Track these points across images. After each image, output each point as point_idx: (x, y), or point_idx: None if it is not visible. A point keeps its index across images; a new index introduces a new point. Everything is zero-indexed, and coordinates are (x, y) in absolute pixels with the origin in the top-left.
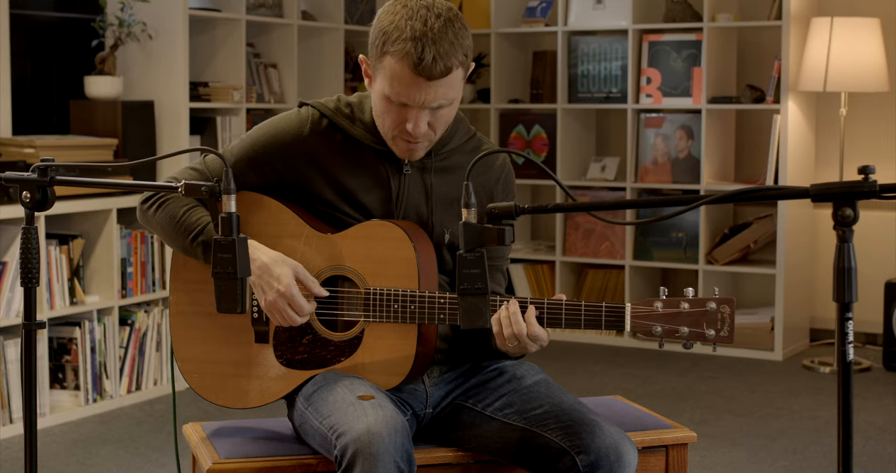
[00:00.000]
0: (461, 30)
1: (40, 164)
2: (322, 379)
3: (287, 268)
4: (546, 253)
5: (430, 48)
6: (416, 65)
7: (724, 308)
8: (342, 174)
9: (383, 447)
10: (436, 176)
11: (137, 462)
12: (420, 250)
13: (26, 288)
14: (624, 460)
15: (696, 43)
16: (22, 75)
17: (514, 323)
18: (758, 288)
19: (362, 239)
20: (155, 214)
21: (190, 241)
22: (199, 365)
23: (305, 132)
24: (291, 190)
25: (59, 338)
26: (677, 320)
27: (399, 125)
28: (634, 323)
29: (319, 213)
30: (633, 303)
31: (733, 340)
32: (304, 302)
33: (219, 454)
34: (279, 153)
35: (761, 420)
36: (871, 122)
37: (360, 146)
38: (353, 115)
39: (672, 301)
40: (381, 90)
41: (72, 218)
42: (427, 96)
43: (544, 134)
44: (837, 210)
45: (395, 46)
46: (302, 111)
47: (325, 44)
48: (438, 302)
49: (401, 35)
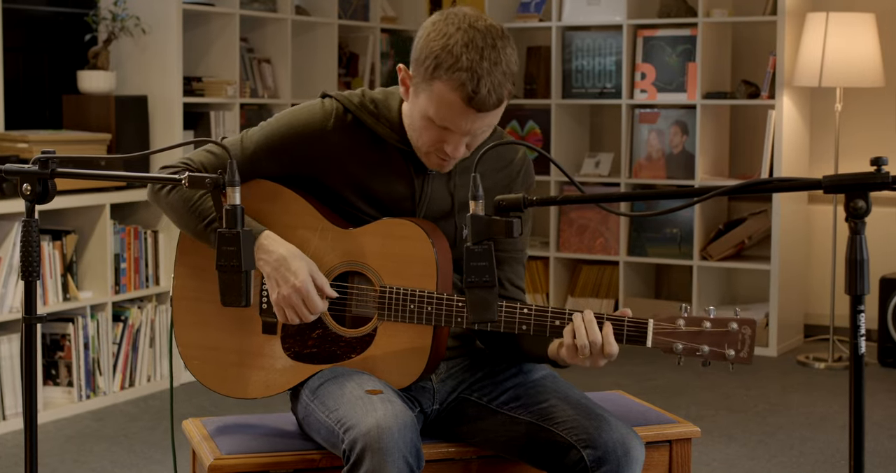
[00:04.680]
0: (512, 56)
1: (41, 156)
2: (329, 373)
3: (304, 264)
4: (540, 249)
5: (486, 81)
6: (471, 98)
7: (746, 329)
8: (363, 172)
9: (392, 442)
10: (460, 177)
11: (132, 458)
12: (439, 250)
13: (26, 282)
14: (631, 455)
15: (690, 38)
16: (14, 70)
17: (591, 332)
18: (752, 284)
19: (380, 236)
20: (168, 195)
21: (204, 226)
22: (200, 351)
23: (329, 126)
24: (309, 183)
25: (52, 334)
26: (699, 339)
27: (436, 144)
28: (656, 340)
29: (336, 208)
30: (656, 320)
31: (752, 361)
32: (318, 300)
33: (220, 449)
34: (300, 145)
35: (758, 416)
36: (866, 118)
37: (384, 144)
38: (378, 112)
39: (695, 319)
40: (424, 110)
41: (65, 213)
42: (473, 125)
43: (538, 129)
44: (850, 201)
45: (448, 74)
46: (326, 103)
47: (319, 39)
48: (456, 306)
49: (455, 63)
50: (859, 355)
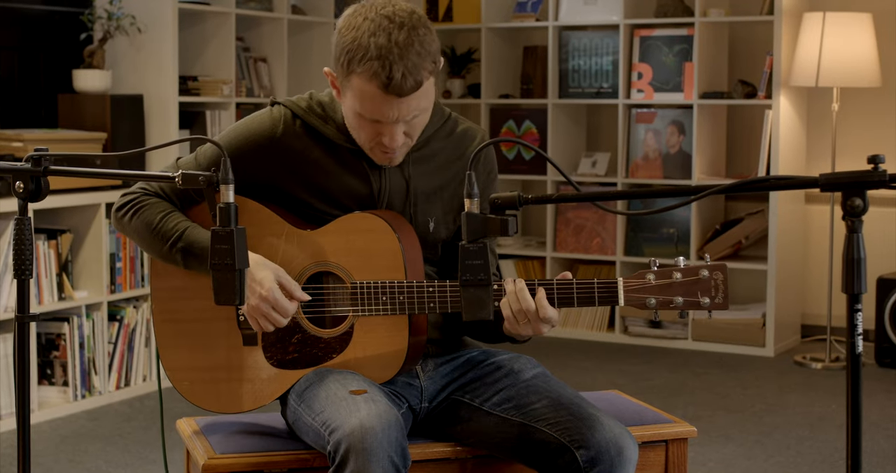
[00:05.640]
0: (426, 35)
1: (34, 154)
2: (314, 376)
3: (269, 272)
4: (536, 248)
5: (398, 65)
6: (386, 85)
7: (717, 274)
8: (319, 175)
9: (377, 441)
10: (414, 166)
11: (127, 458)
12: (404, 240)
13: (19, 280)
14: (625, 455)
15: (687, 38)
16: (9, 69)
17: (522, 300)
18: (749, 284)
19: (344, 233)
20: (131, 221)
21: (168, 248)
22: (187, 373)
23: (279, 133)
24: (267, 191)
25: (47, 334)
26: (671, 290)
27: (375, 138)
28: (628, 297)
29: (300, 212)
30: (625, 278)
31: (728, 306)
32: (287, 304)
33: (214, 449)
34: (252, 154)
35: (754, 416)
36: (863, 118)
37: (335, 146)
38: (325, 115)
39: (664, 271)
40: (352, 107)
41: (60, 212)
42: (400, 112)
43: (535, 129)
44: (847, 200)
45: (361, 66)
46: (274, 110)
47: (315, 38)
48: (427, 291)
49: (366, 54)
50: (856, 354)
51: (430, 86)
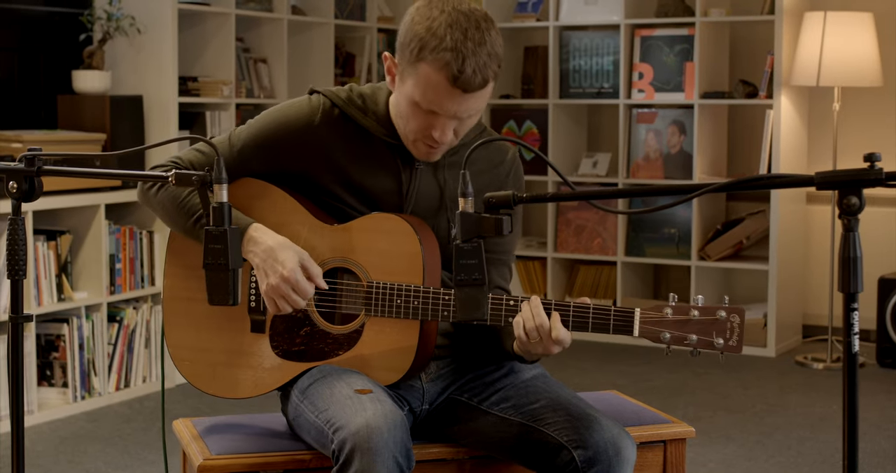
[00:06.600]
0: (497, 39)
1: (27, 154)
2: (318, 372)
3: (293, 253)
4: (537, 249)
5: (471, 60)
6: (456, 78)
7: (735, 317)
8: (351, 166)
9: (382, 442)
10: (449, 171)
11: (126, 459)
12: (425, 245)
13: (13, 281)
14: (622, 455)
15: (688, 38)
16: (9, 69)
17: (536, 316)
18: (750, 285)
19: (367, 231)
20: (158, 194)
21: (193, 223)
22: (190, 352)
23: (316, 121)
24: (296, 179)
25: (46, 335)
26: (686, 327)
27: (424, 130)
28: (643, 329)
29: (324, 204)
30: (642, 309)
31: (741, 350)
32: (307, 287)
33: (210, 450)
34: (288, 141)
35: (755, 417)
36: (864, 117)
37: (371, 138)
38: (365, 107)
39: (682, 307)
40: (410, 95)
41: (59, 213)
42: (460, 107)
43: (535, 129)
44: (843, 198)
45: (433, 55)
46: (313, 99)
47: (315, 38)
48: (443, 299)
49: (440, 44)
50: (853, 353)
51: (490, 89)
